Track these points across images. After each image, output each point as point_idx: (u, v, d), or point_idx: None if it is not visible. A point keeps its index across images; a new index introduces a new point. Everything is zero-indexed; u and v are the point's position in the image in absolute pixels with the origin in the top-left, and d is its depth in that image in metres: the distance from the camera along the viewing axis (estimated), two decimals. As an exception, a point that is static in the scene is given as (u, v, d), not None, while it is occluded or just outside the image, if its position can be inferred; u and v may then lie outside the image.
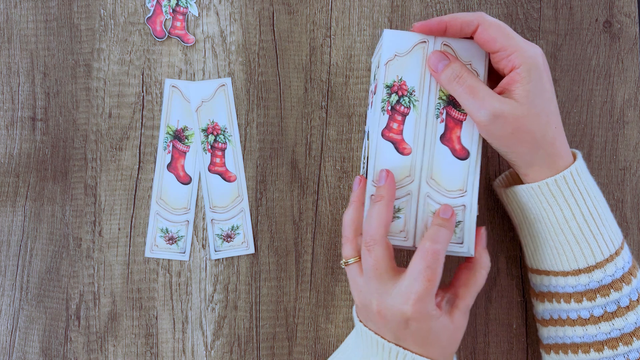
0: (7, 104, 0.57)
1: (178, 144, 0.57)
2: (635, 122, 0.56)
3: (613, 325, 0.43)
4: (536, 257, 0.48)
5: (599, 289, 0.44)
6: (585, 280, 0.44)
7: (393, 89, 0.46)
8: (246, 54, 0.57)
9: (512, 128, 0.42)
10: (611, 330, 0.44)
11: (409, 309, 0.41)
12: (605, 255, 0.44)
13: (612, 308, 0.43)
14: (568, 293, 0.45)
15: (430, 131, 0.45)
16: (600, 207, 0.45)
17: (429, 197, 0.45)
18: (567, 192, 0.44)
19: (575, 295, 0.45)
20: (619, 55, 0.57)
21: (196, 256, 0.56)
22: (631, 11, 0.57)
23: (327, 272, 0.56)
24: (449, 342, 0.44)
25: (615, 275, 0.43)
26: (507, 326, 0.55)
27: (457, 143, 0.45)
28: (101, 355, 0.55)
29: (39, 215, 0.56)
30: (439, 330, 0.43)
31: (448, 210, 0.44)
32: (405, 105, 0.46)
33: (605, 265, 0.44)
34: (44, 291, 0.56)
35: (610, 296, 0.43)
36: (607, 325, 0.44)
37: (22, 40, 0.58)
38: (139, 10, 0.57)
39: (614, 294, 0.43)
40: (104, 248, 0.56)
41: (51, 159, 0.57)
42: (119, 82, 0.57)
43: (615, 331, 0.43)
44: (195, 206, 0.56)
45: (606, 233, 0.44)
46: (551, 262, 0.46)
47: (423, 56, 0.46)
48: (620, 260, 0.44)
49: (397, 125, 0.46)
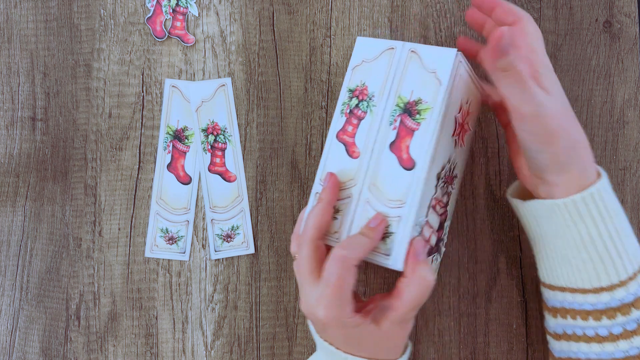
0: (7, 104, 0.57)
1: (178, 144, 0.57)
2: (635, 122, 0.56)
3: (632, 343, 0.42)
4: (554, 273, 0.46)
5: (621, 307, 0.43)
6: (607, 299, 0.43)
7: (355, 93, 0.46)
8: (246, 54, 0.57)
9: (555, 124, 0.41)
10: (629, 348, 0.43)
11: (321, 313, 0.41)
12: (629, 273, 0.43)
13: (632, 326, 0.42)
14: (586, 310, 0.44)
15: (382, 138, 0.44)
16: (623, 224, 0.44)
17: (368, 204, 0.44)
18: (594, 210, 0.42)
19: (595, 313, 0.43)
20: (619, 55, 0.57)
21: (196, 256, 0.56)
22: (631, 11, 0.57)
23: (327, 272, 0.56)
24: (378, 347, 0.43)
25: (638, 293, 0.42)
26: (507, 326, 0.55)
27: (405, 152, 0.43)
28: (101, 355, 0.55)
29: (39, 215, 0.56)
30: (361, 336, 0.42)
31: (377, 219, 0.43)
32: (363, 110, 0.46)
33: (628, 284, 0.43)
34: (44, 291, 0.56)
35: (631, 314, 0.42)
36: (626, 343, 0.43)
37: (22, 40, 0.58)
38: (139, 10, 0.57)
39: (634, 312, 0.42)
40: (104, 248, 0.56)
41: (51, 159, 0.57)
42: (119, 82, 0.57)
43: (634, 349, 0.43)
44: (195, 206, 0.56)
45: (630, 250, 0.43)
46: (570, 279, 0.45)
47: (389, 62, 0.45)
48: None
49: (352, 128, 0.46)
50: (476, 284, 0.55)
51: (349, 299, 0.41)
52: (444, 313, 0.55)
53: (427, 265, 0.43)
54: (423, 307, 0.55)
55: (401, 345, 0.45)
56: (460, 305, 0.55)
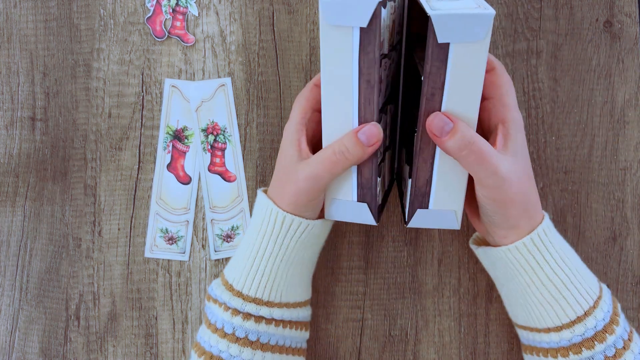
0: (7, 104, 0.57)
1: (178, 144, 0.57)
2: (636, 122, 0.56)
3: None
4: (513, 312, 0.49)
5: (571, 347, 0.44)
6: (568, 336, 0.44)
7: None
8: (246, 54, 0.57)
9: (514, 191, 0.42)
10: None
11: None
12: (585, 308, 0.44)
13: (599, 358, 0.43)
14: (545, 349, 0.46)
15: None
16: (572, 262, 0.45)
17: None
18: (537, 253, 0.44)
19: (551, 351, 0.45)
20: (619, 55, 0.57)
21: (196, 256, 0.56)
22: (631, 11, 0.57)
23: (327, 272, 0.56)
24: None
25: (586, 334, 0.43)
26: (507, 326, 0.55)
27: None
28: (101, 355, 0.55)
29: (38, 215, 0.56)
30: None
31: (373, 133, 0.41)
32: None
33: (574, 327, 0.44)
34: (44, 291, 0.56)
35: (582, 354, 0.43)
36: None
37: (21, 40, 0.58)
38: (139, 10, 0.57)
39: (598, 346, 0.43)
40: (104, 248, 0.56)
41: (51, 159, 0.57)
42: (118, 82, 0.57)
43: None
44: (195, 206, 0.56)
45: (582, 288, 0.44)
46: (526, 319, 0.46)
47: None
48: (592, 320, 0.44)
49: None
50: (476, 284, 0.55)
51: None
52: (444, 313, 0.55)
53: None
54: (423, 307, 0.55)
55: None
56: (461, 306, 0.55)
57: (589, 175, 0.56)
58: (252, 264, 0.45)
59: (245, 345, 0.45)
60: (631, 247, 0.55)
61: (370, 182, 0.44)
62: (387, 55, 0.43)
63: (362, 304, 0.56)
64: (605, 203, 0.56)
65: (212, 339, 0.45)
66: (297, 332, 0.48)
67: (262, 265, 0.45)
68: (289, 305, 0.46)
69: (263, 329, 0.45)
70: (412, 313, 0.55)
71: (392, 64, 0.47)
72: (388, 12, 0.41)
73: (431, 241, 0.56)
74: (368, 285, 0.56)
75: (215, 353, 0.45)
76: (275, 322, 0.46)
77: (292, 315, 0.47)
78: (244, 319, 0.45)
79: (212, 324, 0.46)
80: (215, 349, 0.45)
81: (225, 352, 0.44)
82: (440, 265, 0.56)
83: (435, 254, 0.56)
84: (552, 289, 0.44)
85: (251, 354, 0.45)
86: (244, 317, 0.45)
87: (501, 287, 0.49)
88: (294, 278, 0.47)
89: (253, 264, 0.45)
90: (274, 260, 0.45)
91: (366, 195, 0.45)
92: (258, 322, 0.45)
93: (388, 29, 0.42)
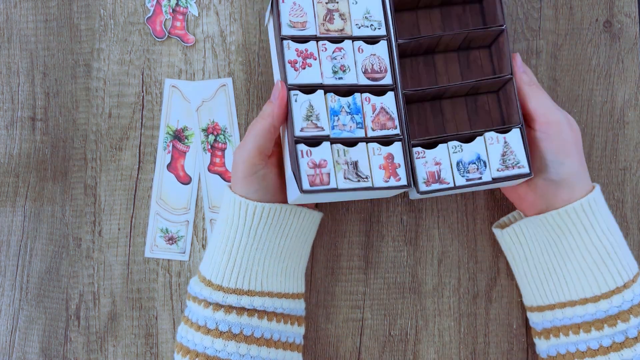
0: (7, 104, 0.57)
1: (178, 144, 0.57)
2: (636, 122, 0.56)
3: (622, 355, 0.44)
4: (540, 291, 0.49)
5: (606, 319, 0.44)
6: (605, 306, 0.44)
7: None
8: (246, 54, 0.57)
9: (572, 140, 0.46)
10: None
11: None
12: (625, 280, 0.45)
13: (620, 338, 0.44)
14: (576, 324, 0.46)
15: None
16: (618, 233, 0.46)
17: None
18: (590, 216, 0.45)
19: (584, 325, 0.45)
20: (619, 55, 0.57)
21: (196, 256, 0.56)
22: (631, 11, 0.57)
23: (327, 272, 0.56)
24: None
25: (623, 307, 0.44)
26: (507, 326, 0.55)
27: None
28: (101, 355, 0.55)
29: (38, 215, 0.56)
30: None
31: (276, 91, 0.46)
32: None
33: (612, 297, 0.44)
34: (44, 291, 0.56)
35: (617, 327, 0.44)
36: (616, 355, 0.44)
37: (21, 40, 0.58)
38: (139, 10, 0.57)
39: (620, 325, 0.44)
40: (104, 248, 0.56)
41: (51, 159, 0.57)
42: (118, 82, 0.57)
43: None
44: (195, 206, 0.56)
45: (625, 259, 0.45)
46: (557, 294, 0.47)
47: None
48: (630, 293, 0.44)
49: None
50: (476, 284, 0.55)
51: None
52: (444, 313, 0.55)
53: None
54: (423, 306, 0.55)
55: None
56: (461, 305, 0.55)
57: (588, 175, 0.56)
58: (228, 256, 0.46)
59: (229, 338, 0.45)
60: (631, 247, 0.55)
61: (294, 151, 0.45)
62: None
63: (362, 303, 0.56)
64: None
65: (195, 337, 0.46)
66: (286, 326, 0.48)
67: (238, 256, 0.46)
68: (272, 294, 0.47)
69: (246, 321, 0.46)
70: (412, 313, 0.55)
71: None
72: None
73: (431, 241, 0.56)
74: (368, 285, 0.56)
75: (200, 350, 0.45)
76: (258, 314, 0.46)
77: (275, 305, 0.47)
78: (225, 312, 0.45)
79: (194, 322, 0.46)
80: (200, 346, 0.45)
81: (210, 347, 0.45)
82: (440, 265, 0.56)
83: (435, 254, 0.56)
84: (595, 255, 0.45)
85: (235, 346, 0.45)
86: (226, 311, 0.45)
87: (530, 264, 0.50)
88: (274, 267, 0.47)
89: (230, 257, 0.46)
90: (249, 249, 0.46)
91: (293, 165, 0.45)
92: (240, 314, 0.46)
93: None
